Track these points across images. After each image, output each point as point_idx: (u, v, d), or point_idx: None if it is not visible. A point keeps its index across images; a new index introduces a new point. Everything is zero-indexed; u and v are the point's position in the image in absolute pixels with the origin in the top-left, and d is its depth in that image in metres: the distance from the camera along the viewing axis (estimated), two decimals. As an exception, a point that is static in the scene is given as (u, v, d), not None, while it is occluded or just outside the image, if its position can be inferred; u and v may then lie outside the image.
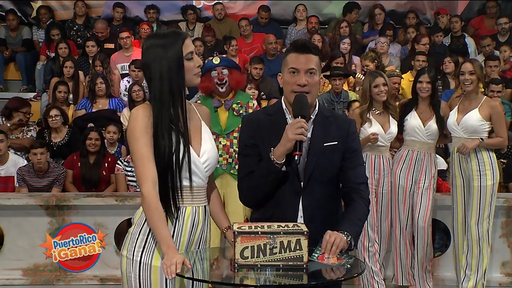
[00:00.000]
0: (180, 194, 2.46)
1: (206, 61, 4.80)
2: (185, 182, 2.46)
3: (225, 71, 4.73)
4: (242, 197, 2.70)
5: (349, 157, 2.63)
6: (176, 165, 2.42)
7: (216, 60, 4.68)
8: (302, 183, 2.59)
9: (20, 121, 6.87)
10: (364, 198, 2.64)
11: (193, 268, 2.33)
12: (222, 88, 4.75)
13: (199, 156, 2.49)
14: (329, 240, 2.38)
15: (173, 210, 2.45)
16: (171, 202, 2.44)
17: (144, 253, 2.46)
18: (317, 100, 2.67)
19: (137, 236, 2.48)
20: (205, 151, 2.52)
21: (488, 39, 8.46)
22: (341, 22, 8.68)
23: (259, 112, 2.90)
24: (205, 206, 2.56)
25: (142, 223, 2.48)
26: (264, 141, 2.60)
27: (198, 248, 2.54)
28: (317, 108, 2.65)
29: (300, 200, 2.59)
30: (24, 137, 6.83)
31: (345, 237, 2.43)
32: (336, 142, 2.61)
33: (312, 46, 2.62)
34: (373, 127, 4.95)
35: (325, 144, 2.59)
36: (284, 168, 2.52)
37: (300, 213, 2.59)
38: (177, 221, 2.47)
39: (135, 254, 2.47)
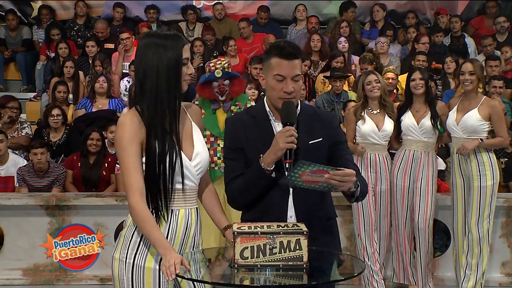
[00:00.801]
0: (172, 197, 2.45)
1: (208, 71, 4.79)
2: (177, 186, 2.46)
3: (227, 82, 4.76)
4: (231, 200, 2.69)
5: (336, 148, 2.64)
6: (169, 169, 2.41)
7: (218, 74, 4.70)
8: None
9: (10, 118, 6.79)
10: (363, 178, 2.65)
11: (193, 268, 2.33)
12: (222, 96, 4.79)
13: (190, 160, 2.48)
14: (346, 172, 2.36)
15: (165, 213, 2.44)
16: (163, 205, 2.43)
17: (137, 255, 2.46)
18: (299, 100, 2.67)
19: (130, 238, 2.48)
20: (197, 154, 2.51)
21: (490, 39, 8.46)
22: (341, 22, 8.69)
23: (242, 113, 2.88)
24: (196, 208, 2.56)
25: (135, 225, 2.46)
26: (249, 143, 2.61)
27: (193, 249, 2.54)
28: (299, 107, 2.66)
29: (289, 200, 2.59)
30: (19, 135, 6.77)
31: (355, 182, 2.42)
32: (320, 139, 2.62)
33: (296, 51, 2.60)
34: (366, 124, 4.97)
35: (310, 142, 2.60)
36: (274, 175, 2.52)
37: (290, 213, 2.59)
38: (171, 224, 2.46)
39: (128, 256, 2.47)
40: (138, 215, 2.36)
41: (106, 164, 6.26)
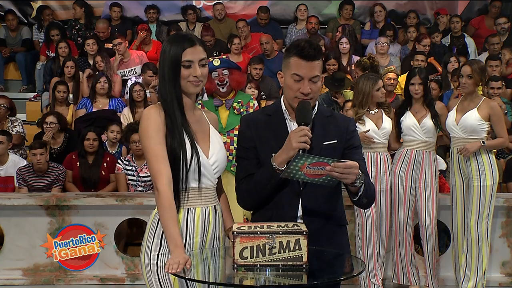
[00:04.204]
0: (188, 195, 2.49)
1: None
2: (194, 184, 2.50)
3: (226, 72, 4.78)
4: (241, 199, 2.68)
5: (349, 152, 2.60)
6: (183, 165, 2.45)
7: (216, 62, 4.72)
8: (301, 185, 2.57)
9: None
10: (371, 184, 2.63)
11: (204, 267, 2.37)
12: (223, 88, 4.81)
13: (207, 158, 2.52)
14: (348, 164, 2.34)
15: (181, 211, 2.49)
16: (179, 203, 2.48)
17: (160, 255, 2.50)
18: (316, 101, 2.66)
19: (152, 240, 2.52)
20: (213, 153, 2.55)
21: (497, 37, 8.43)
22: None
23: (257, 112, 2.88)
24: (215, 206, 2.59)
25: (155, 227, 2.51)
26: (262, 141, 2.60)
27: (213, 247, 2.58)
28: (316, 108, 2.64)
29: (300, 201, 2.58)
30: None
31: (358, 173, 2.40)
32: (335, 141, 2.60)
33: (317, 52, 2.55)
34: (366, 126, 4.98)
35: (324, 143, 2.58)
36: None
37: (299, 214, 2.57)
38: (188, 223, 2.50)
39: (151, 258, 2.51)
40: (163, 204, 2.39)
41: (105, 164, 6.26)
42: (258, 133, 2.62)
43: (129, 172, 6.12)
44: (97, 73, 7.59)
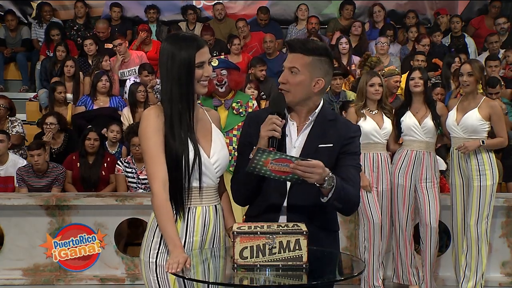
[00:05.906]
0: (189, 194, 2.49)
1: None
2: (195, 183, 2.50)
3: (224, 72, 4.80)
4: (233, 196, 2.68)
5: (342, 157, 2.55)
6: (186, 166, 2.45)
7: (214, 63, 4.73)
8: (287, 186, 2.54)
9: None
10: (355, 187, 2.53)
11: (204, 267, 2.37)
12: (221, 88, 4.82)
13: (209, 157, 2.53)
14: (311, 163, 2.30)
15: (182, 210, 2.48)
16: (181, 202, 2.48)
17: (159, 254, 2.51)
18: (321, 102, 2.61)
19: (151, 239, 2.53)
20: (215, 152, 2.55)
21: (495, 36, 8.42)
22: (341, 39, 8.65)
23: (262, 110, 2.88)
24: (215, 206, 2.59)
25: (156, 226, 2.52)
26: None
27: (213, 247, 2.58)
28: (318, 110, 2.60)
29: (285, 202, 2.54)
30: (11, 134, 6.63)
31: (328, 174, 2.34)
32: (331, 145, 2.54)
33: (299, 44, 2.53)
34: (367, 123, 4.97)
35: (320, 145, 2.53)
36: None
37: (285, 215, 2.53)
38: (188, 222, 2.51)
39: (150, 256, 2.52)
40: (158, 205, 2.41)
41: (105, 164, 6.26)
42: (257, 130, 2.60)
43: (129, 174, 6.11)
44: (96, 71, 7.56)
